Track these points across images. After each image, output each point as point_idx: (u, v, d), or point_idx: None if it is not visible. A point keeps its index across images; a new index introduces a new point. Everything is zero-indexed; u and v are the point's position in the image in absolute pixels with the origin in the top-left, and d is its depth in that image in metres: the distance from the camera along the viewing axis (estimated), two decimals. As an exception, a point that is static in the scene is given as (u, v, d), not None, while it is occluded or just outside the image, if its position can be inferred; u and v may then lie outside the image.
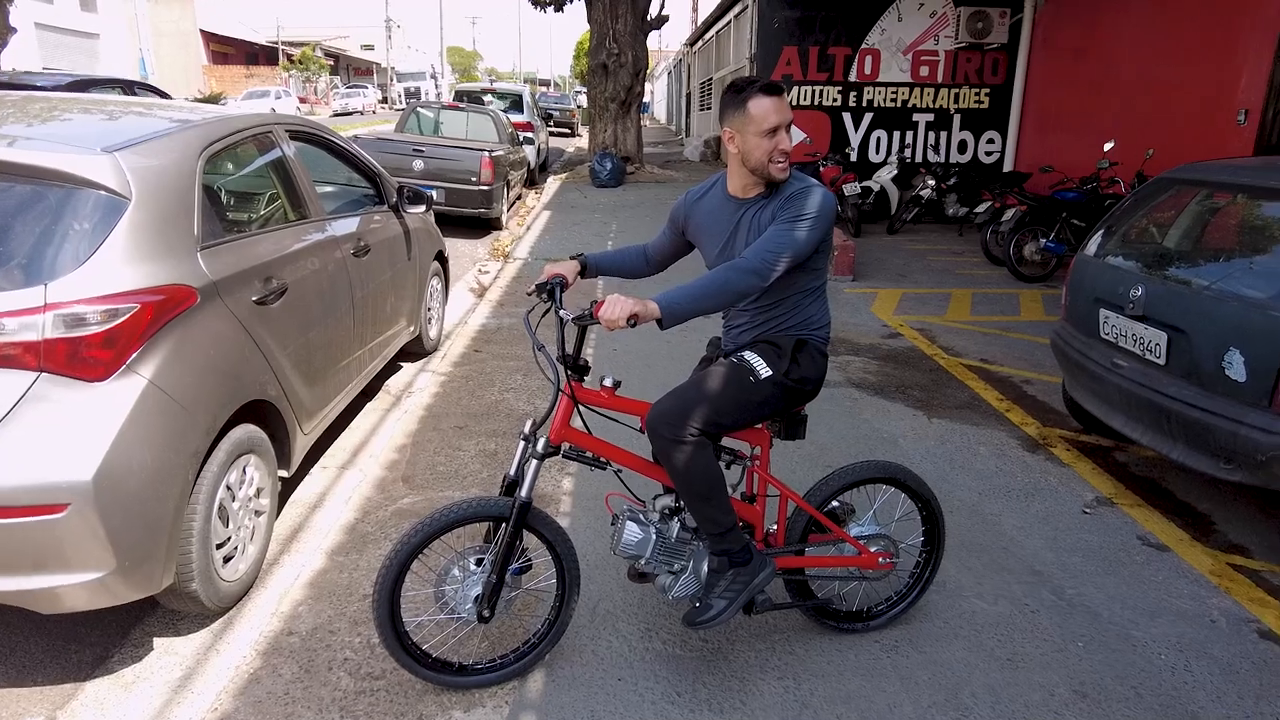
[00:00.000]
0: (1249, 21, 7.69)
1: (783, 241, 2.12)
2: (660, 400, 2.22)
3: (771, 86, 2.19)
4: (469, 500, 2.23)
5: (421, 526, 2.20)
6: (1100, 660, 2.60)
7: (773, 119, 2.17)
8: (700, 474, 2.15)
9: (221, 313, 2.56)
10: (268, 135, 3.21)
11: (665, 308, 2.00)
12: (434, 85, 42.94)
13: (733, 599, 2.26)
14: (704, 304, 2.05)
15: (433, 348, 5.35)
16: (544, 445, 2.21)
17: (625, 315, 1.96)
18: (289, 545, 3.10)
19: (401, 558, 2.20)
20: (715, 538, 2.26)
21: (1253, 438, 2.92)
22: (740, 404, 2.22)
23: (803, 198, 2.20)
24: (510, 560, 2.25)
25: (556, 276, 2.39)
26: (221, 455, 2.50)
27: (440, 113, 10.63)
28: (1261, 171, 3.38)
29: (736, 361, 2.27)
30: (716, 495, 2.20)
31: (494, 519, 2.25)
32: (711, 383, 2.21)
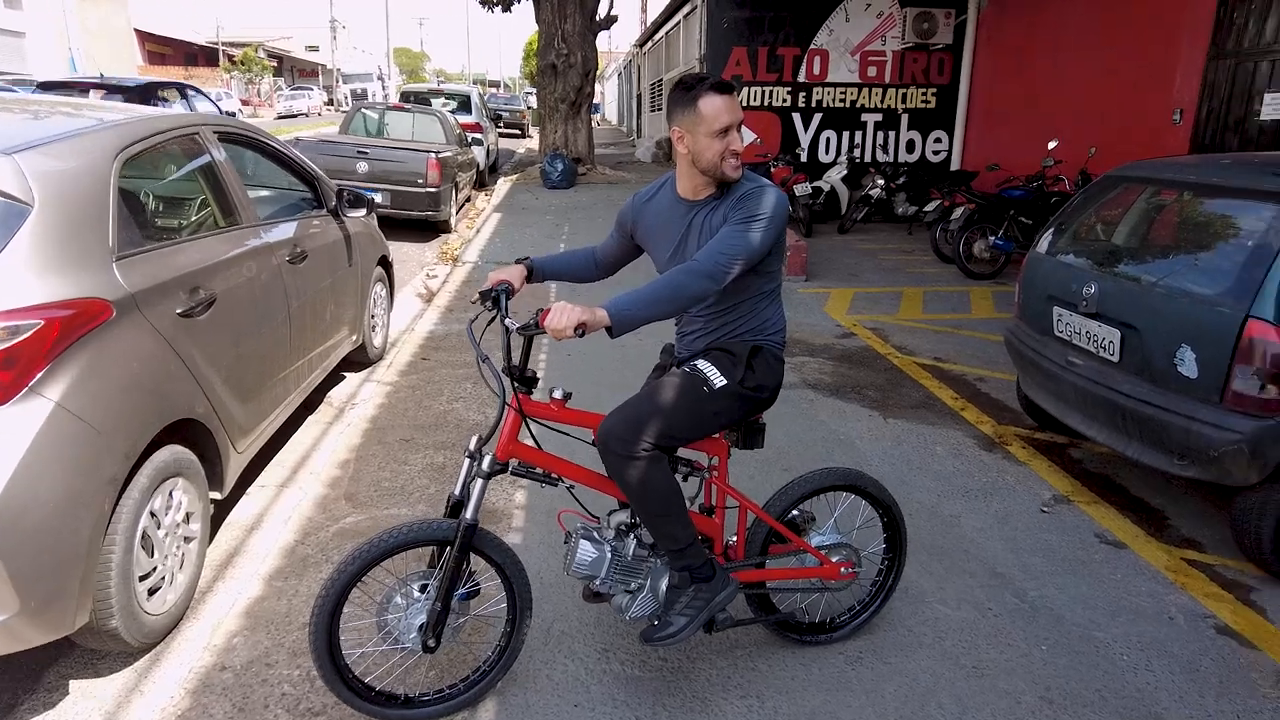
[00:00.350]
0: (1183, 23, 7.90)
1: (735, 243, 2.03)
2: (611, 414, 2.11)
3: (722, 85, 2.10)
4: (411, 524, 2.09)
5: (360, 553, 2.06)
6: (1065, 664, 2.57)
7: (724, 118, 2.08)
8: (656, 490, 2.05)
9: (141, 327, 2.37)
10: (194, 137, 3.02)
11: (615, 315, 1.90)
12: (381, 87, 42.13)
13: (693, 616, 2.16)
14: (656, 310, 1.95)
15: (378, 356, 5.16)
16: (490, 463, 2.09)
17: (573, 324, 1.85)
18: (223, 571, 2.92)
19: (339, 586, 2.05)
20: (674, 554, 2.16)
21: (1205, 433, 2.93)
22: (695, 415, 2.12)
23: (755, 198, 2.11)
24: (456, 586, 2.13)
25: (502, 283, 2.27)
26: (144, 480, 2.32)
27: (385, 114, 10.37)
28: (1205, 169, 3.41)
29: (690, 371, 2.18)
30: (674, 511, 2.10)
31: (438, 543, 2.12)
32: (664, 394, 2.11)
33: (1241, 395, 2.85)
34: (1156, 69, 8.23)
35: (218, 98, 30.39)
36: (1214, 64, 7.57)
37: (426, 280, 7.56)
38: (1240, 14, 7.30)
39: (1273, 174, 3.05)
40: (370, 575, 2.12)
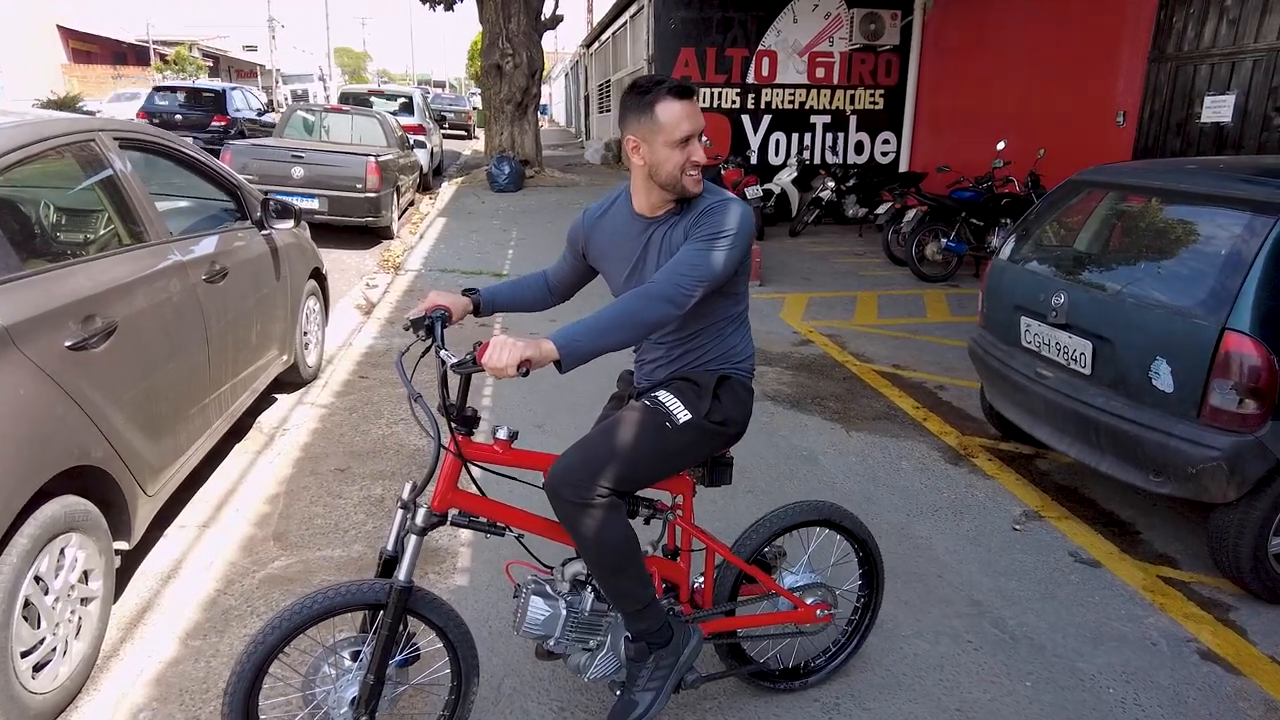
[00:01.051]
0: (1124, 27, 7.99)
1: (698, 263, 1.81)
2: (563, 456, 1.88)
3: (681, 88, 1.86)
4: (337, 586, 1.83)
5: (280, 621, 1.79)
6: (1050, 701, 2.43)
7: (685, 126, 1.85)
8: (611, 542, 1.83)
9: (18, 365, 2.06)
10: (88, 145, 2.69)
11: (564, 347, 1.66)
12: (322, 87, 40.99)
13: (659, 688, 1.95)
14: (610, 339, 1.72)
15: (311, 376, 4.84)
16: (425, 516, 1.84)
17: (514, 361, 1.61)
18: (132, 630, 2.61)
19: (257, 659, 1.79)
20: (632, 616, 1.94)
21: (1182, 450, 2.83)
22: (657, 455, 1.91)
23: (719, 213, 1.90)
24: (391, 654, 1.87)
25: (437, 308, 2.02)
26: (24, 542, 2.01)
27: (323, 116, 9.93)
28: (1173, 175, 3.33)
29: (650, 405, 1.95)
30: (631, 566, 1.88)
31: (369, 607, 1.87)
32: (622, 432, 1.89)
33: (1219, 410, 2.75)
34: (1099, 71, 8.32)
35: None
36: (1155, 67, 7.67)
37: (366, 291, 7.21)
38: (1179, 18, 7.40)
39: (1242, 181, 2.97)
40: (293, 643, 1.85)
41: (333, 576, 2.90)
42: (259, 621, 2.64)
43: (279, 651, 1.81)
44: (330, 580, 2.88)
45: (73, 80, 33.35)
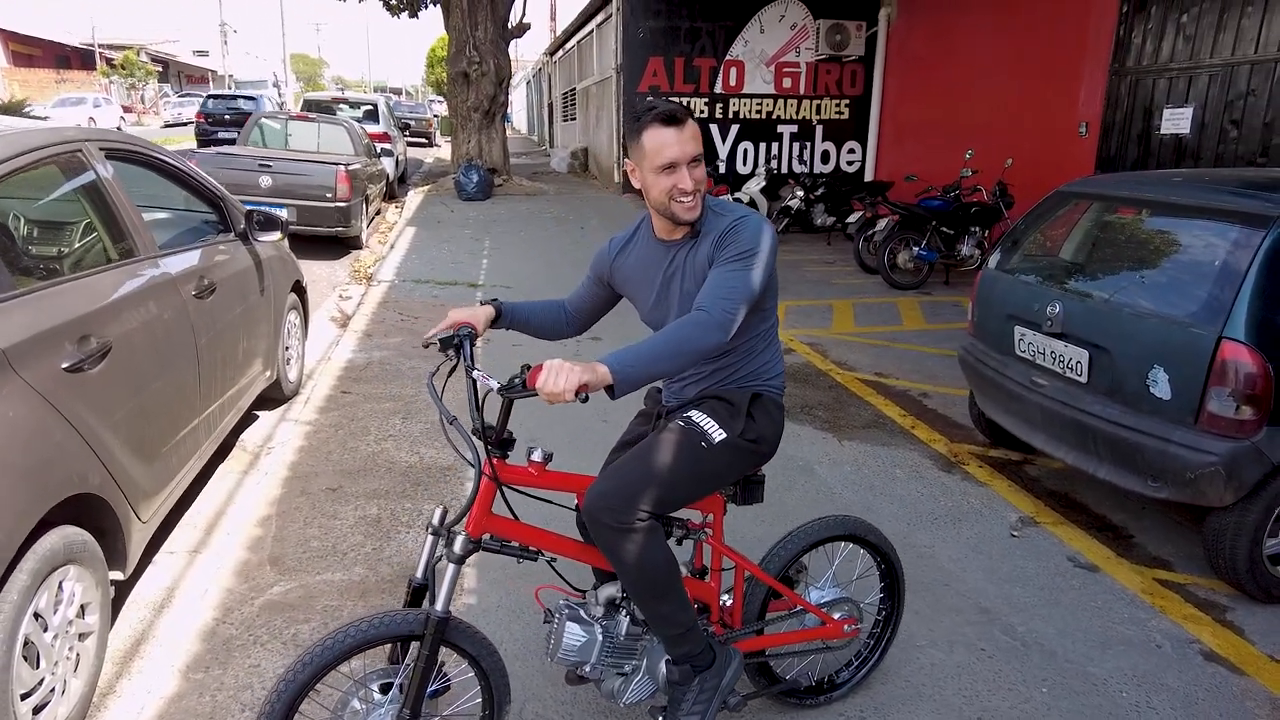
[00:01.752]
0: (1086, 41, 8.22)
1: (735, 285, 1.79)
2: (599, 480, 1.84)
3: (669, 116, 1.82)
4: (371, 619, 1.76)
5: (310, 658, 1.72)
6: (1068, 707, 2.45)
7: (668, 153, 1.82)
8: (653, 566, 1.80)
9: (15, 390, 1.95)
10: (75, 155, 2.58)
11: (619, 372, 1.62)
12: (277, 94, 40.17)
13: (704, 711, 1.92)
14: (661, 366, 1.69)
15: (293, 392, 4.71)
16: (463, 544, 1.79)
17: (573, 387, 1.57)
18: (128, 664, 2.49)
19: (288, 698, 1.71)
20: (674, 640, 1.90)
21: (1180, 455, 2.89)
22: (694, 476, 1.88)
23: (742, 231, 1.87)
24: (427, 687, 1.81)
25: (464, 326, 1.96)
26: (24, 578, 1.90)
27: (288, 124, 9.71)
28: (1160, 187, 3.41)
29: (684, 425, 1.92)
30: (673, 590, 1.85)
31: (404, 639, 1.81)
32: (659, 454, 1.85)
33: (1216, 417, 2.82)
34: (1063, 84, 8.54)
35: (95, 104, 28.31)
36: (1115, 80, 7.90)
37: (340, 302, 7.06)
38: (1138, 34, 7.64)
39: (1230, 193, 3.06)
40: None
41: (335, 602, 2.81)
42: (262, 651, 2.55)
43: (310, 688, 1.74)
44: (334, 605, 2.79)
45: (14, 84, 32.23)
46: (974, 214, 8.61)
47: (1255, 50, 6.51)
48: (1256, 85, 6.52)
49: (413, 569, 2.97)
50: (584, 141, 17.44)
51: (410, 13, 14.42)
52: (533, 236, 9.93)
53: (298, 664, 1.71)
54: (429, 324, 6.38)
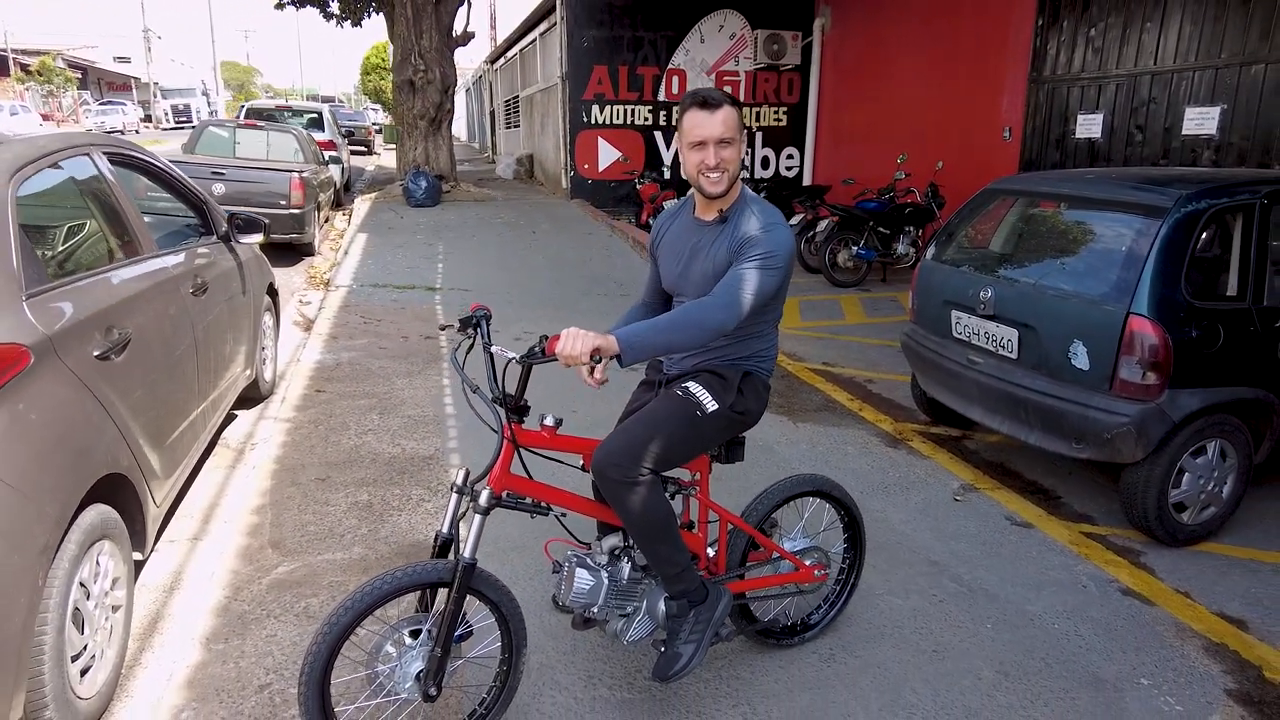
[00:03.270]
0: (1005, 50, 8.80)
1: (751, 286, 2.03)
2: (607, 440, 2.09)
3: (704, 100, 2.08)
4: (405, 568, 1.97)
5: (351, 603, 1.92)
6: (1009, 639, 2.79)
7: (698, 132, 2.08)
8: (654, 514, 2.06)
9: (61, 374, 2.11)
10: (85, 157, 2.71)
11: (624, 340, 1.88)
12: (206, 102, 39.07)
13: (699, 641, 2.18)
14: (669, 339, 1.96)
15: (269, 391, 4.81)
16: (487, 498, 2.01)
17: (588, 350, 1.82)
18: (148, 640, 2.63)
19: (332, 640, 1.90)
20: (672, 579, 2.16)
21: (1098, 418, 3.28)
22: (689, 439, 2.15)
23: (769, 237, 2.09)
24: (456, 627, 2.02)
25: (480, 309, 2.18)
26: (73, 548, 2.05)
27: (236, 132, 9.66)
28: (1076, 183, 3.83)
29: (682, 395, 2.18)
30: (671, 534, 2.11)
31: (434, 586, 2.01)
32: (659, 418, 2.11)
33: (1127, 382, 3.22)
34: (987, 91, 9.12)
35: (11, 112, 27.18)
36: (1034, 88, 8.49)
37: (300, 307, 7.12)
38: (1053, 45, 8.24)
39: (1133, 188, 3.48)
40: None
41: (340, 578, 2.98)
42: (276, 623, 2.71)
43: (351, 631, 1.93)
44: (339, 580, 2.96)
45: (-79, 92, 30.68)
46: (908, 214, 9.11)
47: (1155, 63, 7.13)
48: (1157, 94, 7.14)
49: (410, 547, 3.21)
50: (529, 148, 17.60)
51: (353, 22, 14.41)
52: (486, 241, 10.08)
53: (339, 609, 1.90)
54: (392, 327, 6.54)
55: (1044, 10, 8.27)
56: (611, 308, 7.53)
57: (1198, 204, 3.23)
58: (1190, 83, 6.86)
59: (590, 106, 12.89)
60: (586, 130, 12.98)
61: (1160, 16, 7.05)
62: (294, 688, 2.40)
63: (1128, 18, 7.34)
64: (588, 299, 7.81)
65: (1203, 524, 3.44)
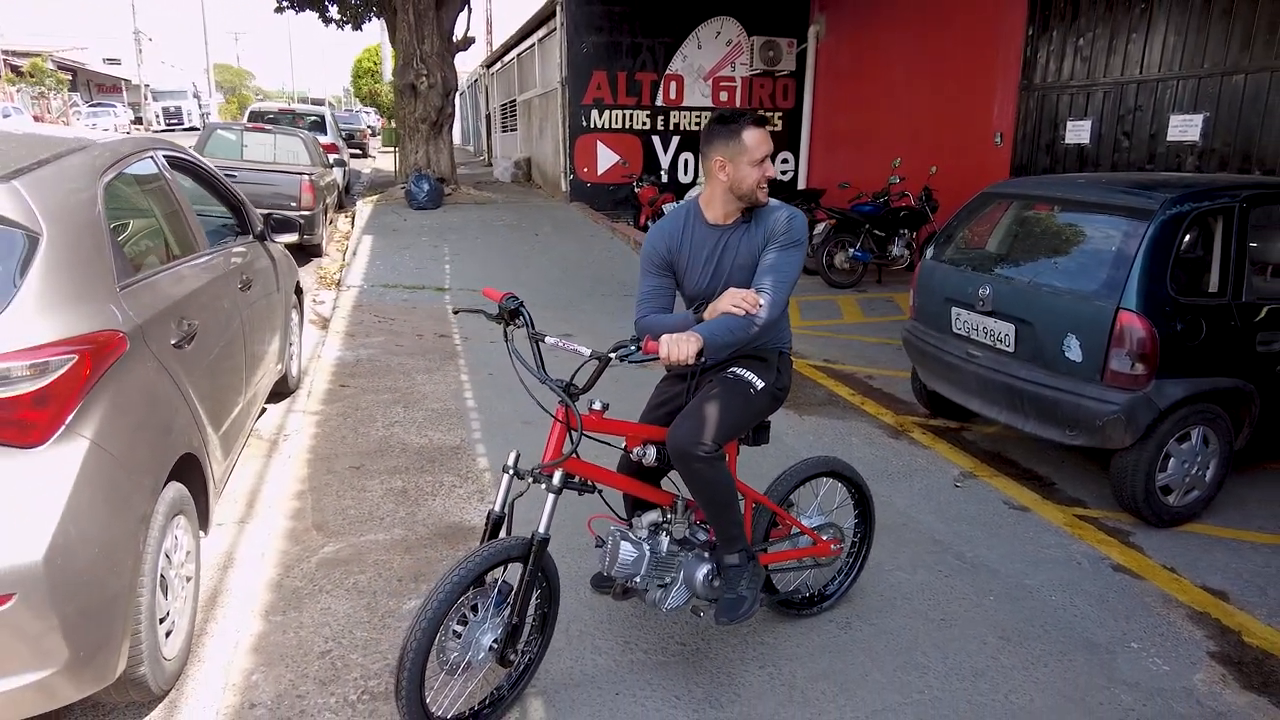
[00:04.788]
0: (997, 59, 9.08)
1: (790, 270, 2.32)
2: (679, 423, 2.31)
3: (759, 119, 2.36)
4: (482, 548, 2.12)
5: (442, 593, 2.02)
6: (1011, 609, 3.01)
7: (764, 148, 2.33)
8: (724, 484, 2.30)
9: (148, 360, 2.29)
10: (150, 159, 2.90)
11: (707, 339, 2.11)
12: (197, 105, 39.05)
13: (756, 589, 2.41)
14: (738, 336, 2.22)
15: (296, 386, 4.99)
16: (562, 477, 2.19)
17: (695, 351, 2.04)
18: (210, 612, 2.80)
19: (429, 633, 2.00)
20: (734, 539, 2.39)
21: (1091, 407, 3.51)
22: (746, 415, 2.39)
23: (794, 224, 2.36)
24: (532, 596, 2.21)
25: (509, 296, 2.34)
26: (160, 519, 2.24)
27: (243, 135, 9.82)
28: (1068, 187, 4.07)
29: (733, 378, 2.41)
30: (735, 499, 2.36)
31: (513, 560, 2.18)
32: (721, 400, 2.34)
33: (1117, 373, 3.45)
34: (979, 98, 9.39)
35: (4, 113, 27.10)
36: (1025, 95, 8.77)
37: (315, 306, 7.29)
38: (1042, 54, 8.52)
39: (1122, 192, 3.72)
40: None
41: (384, 556, 3.17)
42: (329, 598, 2.90)
43: (445, 618, 2.05)
44: (384, 559, 3.15)
45: (-90, 93, 30.53)
46: (903, 218, 9.36)
47: (1140, 71, 7.41)
48: (1143, 102, 7.41)
49: (448, 528, 3.41)
50: (526, 152, 17.79)
51: (354, 26, 14.57)
52: (490, 243, 10.27)
53: (432, 601, 2.01)
54: (406, 325, 6.73)
55: (1034, 20, 8.55)
56: (616, 307, 7.74)
57: (1182, 207, 3.47)
58: (1174, 91, 7.14)
59: (589, 111, 13.10)
60: (586, 134, 13.19)
61: (1146, 28, 7.33)
62: (353, 654, 2.59)
63: (1115, 28, 7.62)
64: (592, 299, 8.02)
65: (1187, 506, 3.67)
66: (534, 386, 2.25)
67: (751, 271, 2.38)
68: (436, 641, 2.10)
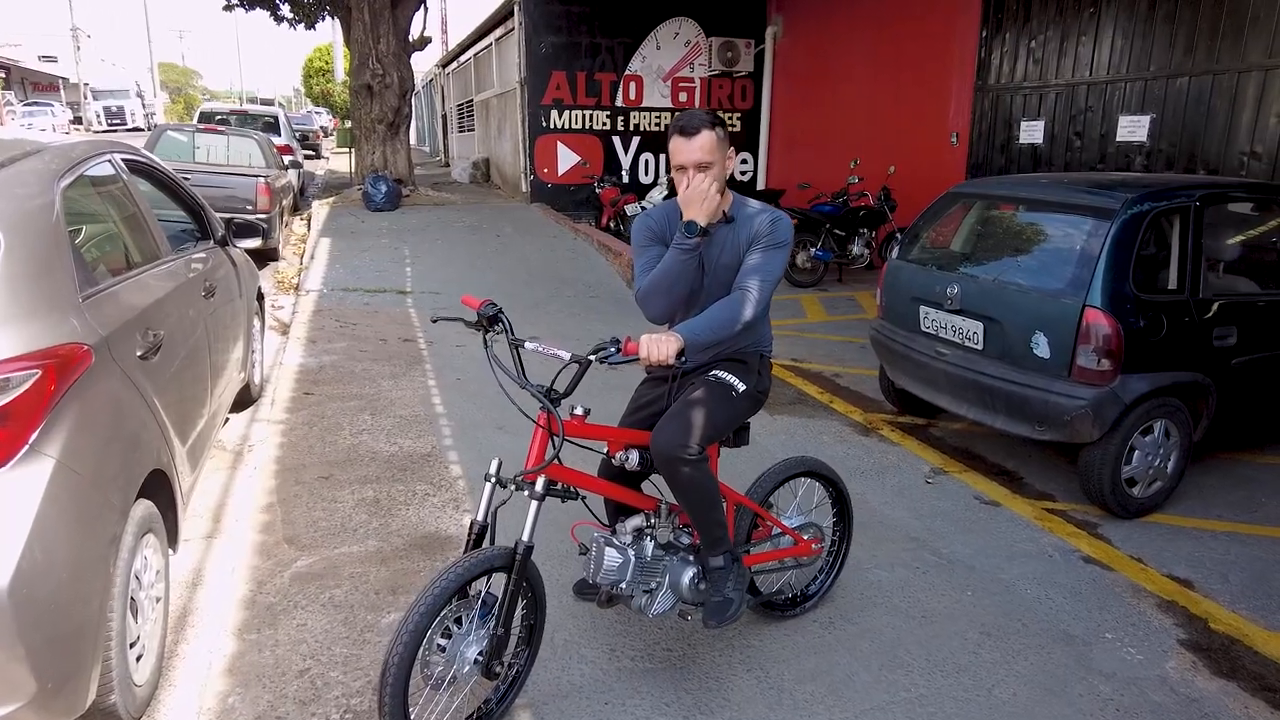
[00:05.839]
0: (952, 60, 9.24)
1: (772, 269, 2.30)
2: (662, 426, 2.28)
3: (685, 127, 2.25)
4: (465, 558, 2.08)
5: (424, 606, 1.97)
6: (989, 604, 3.06)
7: (678, 158, 2.28)
8: (708, 487, 2.28)
9: (115, 373, 2.20)
10: (108, 162, 2.79)
11: (688, 339, 2.09)
12: (141, 105, 37.80)
13: (742, 590, 2.40)
14: (719, 334, 2.21)
15: (258, 394, 4.86)
16: (545, 484, 2.16)
17: (674, 351, 2.01)
18: (181, 633, 2.71)
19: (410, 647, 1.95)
20: (718, 540, 2.38)
21: (1059, 403, 3.59)
22: (728, 418, 2.37)
23: (778, 226, 2.34)
24: (517, 605, 2.17)
25: (488, 303, 2.30)
26: (129, 539, 2.15)
27: (195, 136, 9.52)
28: (1031, 187, 4.15)
29: (715, 380, 2.39)
30: (719, 501, 2.34)
31: (494, 571, 2.13)
32: (703, 404, 2.32)
33: (1084, 369, 3.53)
34: (935, 98, 9.55)
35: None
36: (980, 95, 8.93)
37: (274, 311, 7.11)
38: (996, 55, 8.69)
39: (1085, 192, 3.80)
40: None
41: (360, 569, 3.10)
42: (304, 613, 2.82)
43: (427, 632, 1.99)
44: (360, 571, 3.08)
45: None
46: (862, 217, 9.48)
47: (1090, 73, 7.61)
48: (1093, 103, 7.61)
49: (423, 539, 3.35)
50: (484, 152, 17.62)
51: (307, 25, 14.27)
52: (451, 244, 10.14)
53: (413, 614, 1.95)
54: (368, 330, 6.60)
55: (987, 22, 8.72)
56: (582, 308, 7.70)
57: (1142, 206, 3.57)
58: (1123, 93, 7.35)
59: (549, 111, 13.02)
60: (546, 135, 13.10)
61: (1094, 30, 7.52)
62: (333, 671, 2.53)
63: (1065, 30, 7.81)
64: (557, 300, 7.97)
65: (1150, 497, 3.78)
66: (515, 393, 2.21)
67: (735, 271, 2.37)
68: (419, 656, 2.04)
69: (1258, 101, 6.25)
